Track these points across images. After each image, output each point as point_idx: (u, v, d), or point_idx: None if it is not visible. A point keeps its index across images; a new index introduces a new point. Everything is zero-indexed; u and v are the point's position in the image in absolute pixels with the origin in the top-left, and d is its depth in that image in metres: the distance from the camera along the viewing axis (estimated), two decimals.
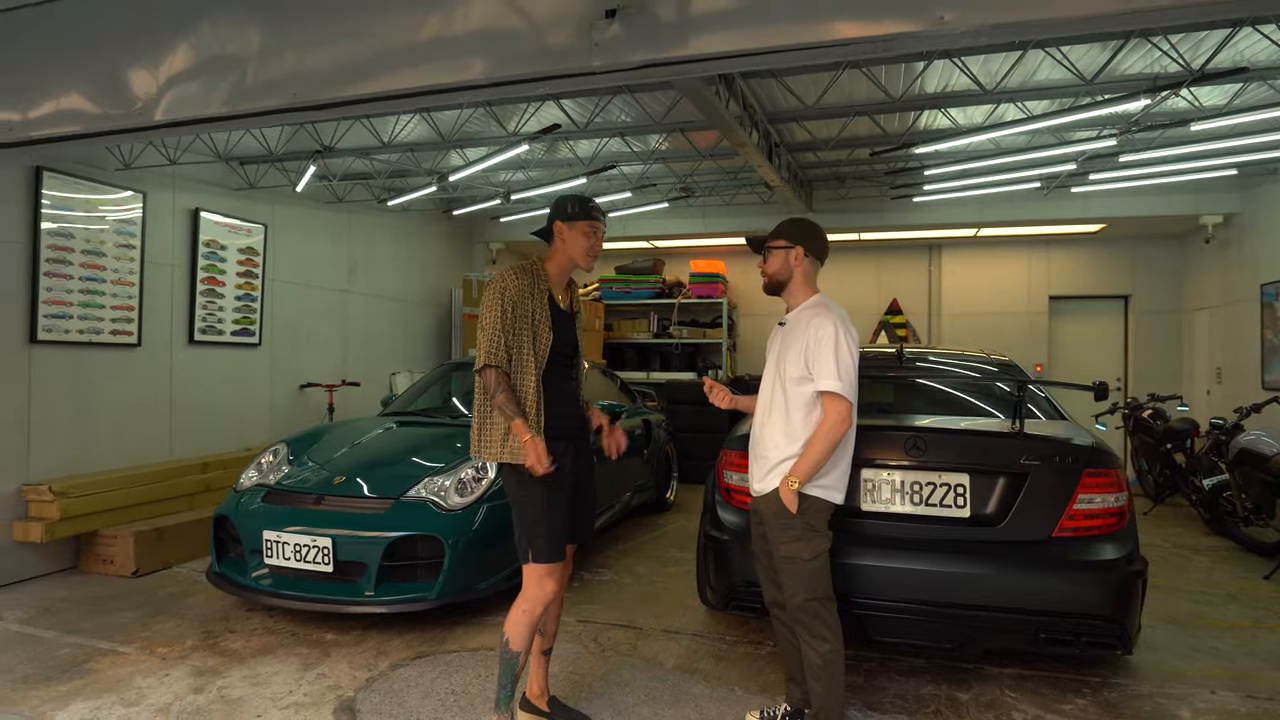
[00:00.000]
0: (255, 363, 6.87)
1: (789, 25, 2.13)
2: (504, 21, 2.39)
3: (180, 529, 5.34)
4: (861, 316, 10.43)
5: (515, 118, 5.06)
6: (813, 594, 2.79)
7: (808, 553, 2.79)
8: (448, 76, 2.43)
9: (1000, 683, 3.55)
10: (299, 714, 3.20)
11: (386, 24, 2.54)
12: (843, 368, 2.72)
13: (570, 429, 2.99)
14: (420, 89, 2.50)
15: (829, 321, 2.79)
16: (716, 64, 2.26)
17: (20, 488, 4.91)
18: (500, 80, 2.41)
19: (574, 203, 2.95)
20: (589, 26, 2.27)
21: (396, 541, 4.04)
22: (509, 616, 2.82)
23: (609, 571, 5.31)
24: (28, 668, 3.63)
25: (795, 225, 3.01)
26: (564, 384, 2.99)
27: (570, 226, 2.92)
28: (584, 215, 2.92)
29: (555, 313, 2.94)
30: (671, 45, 2.23)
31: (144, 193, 5.71)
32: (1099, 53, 4.03)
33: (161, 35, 2.82)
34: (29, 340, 4.97)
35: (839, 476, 2.83)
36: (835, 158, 6.79)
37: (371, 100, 2.60)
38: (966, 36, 1.99)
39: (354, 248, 8.09)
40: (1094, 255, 9.64)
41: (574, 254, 2.95)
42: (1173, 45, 3.72)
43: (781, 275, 2.99)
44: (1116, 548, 3.19)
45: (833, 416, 2.71)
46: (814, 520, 2.80)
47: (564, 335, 2.96)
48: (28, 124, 3.13)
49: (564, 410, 2.95)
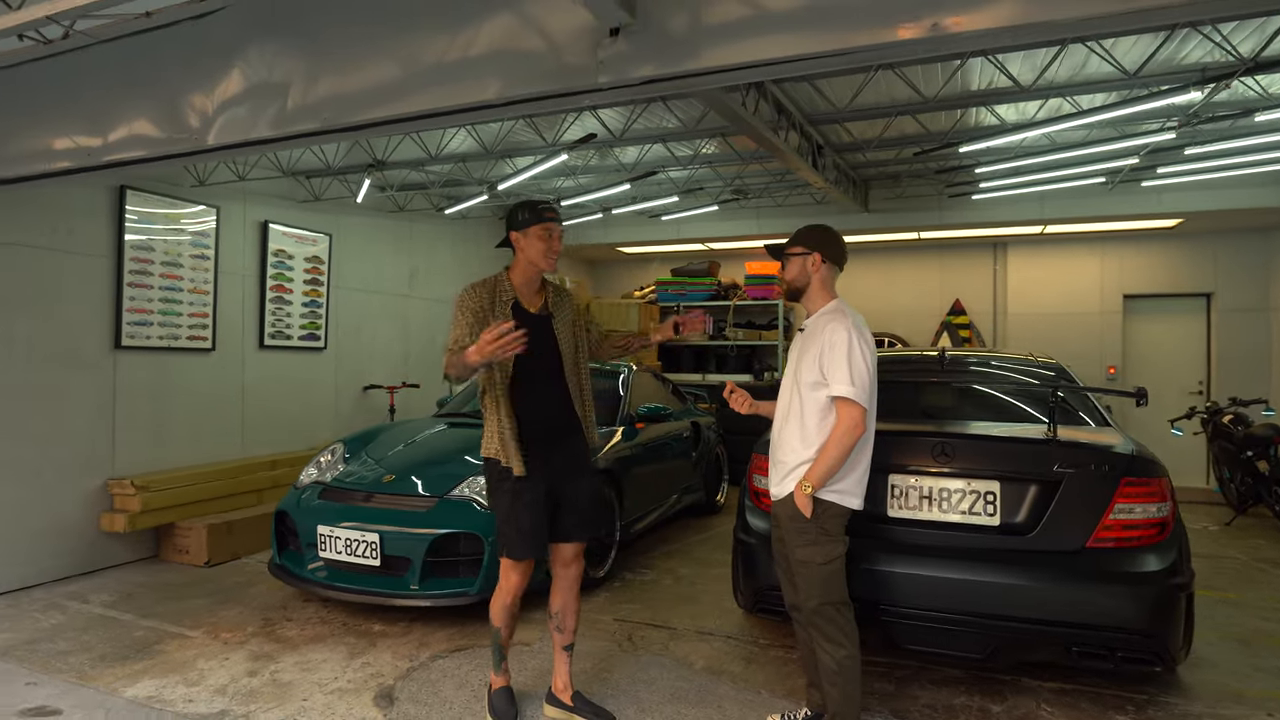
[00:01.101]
0: (321, 366, 7.23)
1: (785, 39, 2.16)
2: (515, 44, 2.50)
3: (249, 522, 5.68)
4: (923, 318, 10.20)
5: (555, 128, 5.19)
6: (826, 598, 2.80)
7: (821, 557, 2.80)
8: (464, 97, 2.56)
9: (1038, 696, 3.46)
10: (341, 699, 3.39)
11: (407, 51, 2.69)
12: (856, 373, 2.72)
13: (545, 434, 3.04)
14: (438, 110, 2.64)
15: (843, 327, 2.79)
16: (717, 77, 2.30)
17: (106, 482, 5.33)
18: (512, 99, 2.52)
19: (523, 210, 3.00)
20: (595, 45, 2.35)
21: (440, 538, 4.21)
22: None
23: (651, 572, 5.38)
24: (106, 647, 3.96)
25: (812, 232, 3.01)
26: (543, 389, 3.05)
27: (524, 234, 2.99)
28: (535, 220, 2.97)
29: (521, 320, 2.94)
30: (673, 61, 2.29)
31: (217, 207, 6.10)
32: (1150, 43, 3.87)
33: (212, 66, 3.05)
34: (114, 346, 5.39)
35: (855, 481, 2.83)
36: (886, 157, 6.69)
37: (394, 122, 2.76)
38: (960, 41, 1.98)
39: (415, 254, 8.41)
40: (1172, 251, 9.15)
41: (534, 259, 3.00)
42: (1224, 36, 3.53)
43: (800, 281, 2.99)
44: (1157, 559, 3.07)
45: (846, 422, 2.71)
46: (829, 525, 2.81)
47: (536, 342, 2.95)
48: (104, 149, 3.43)
49: (541, 415, 3.02)
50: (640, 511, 5.64)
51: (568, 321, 3.19)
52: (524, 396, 3.01)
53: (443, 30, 2.63)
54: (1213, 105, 4.53)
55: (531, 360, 3.00)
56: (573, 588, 3.20)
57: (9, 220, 4.80)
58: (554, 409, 3.09)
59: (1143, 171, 6.58)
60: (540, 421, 3.04)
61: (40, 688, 3.49)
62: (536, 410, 3.03)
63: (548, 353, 3.08)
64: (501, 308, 3.00)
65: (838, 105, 4.67)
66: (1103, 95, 4.75)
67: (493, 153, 5.64)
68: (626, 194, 7.64)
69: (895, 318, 10.27)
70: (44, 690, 3.46)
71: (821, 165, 5.92)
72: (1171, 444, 8.73)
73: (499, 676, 3.24)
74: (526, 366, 3.01)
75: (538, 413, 3.03)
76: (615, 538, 5.21)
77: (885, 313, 10.30)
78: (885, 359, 4.74)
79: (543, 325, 3.08)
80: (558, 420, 3.10)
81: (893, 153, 6.31)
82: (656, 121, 5.27)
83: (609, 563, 5.13)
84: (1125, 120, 5.19)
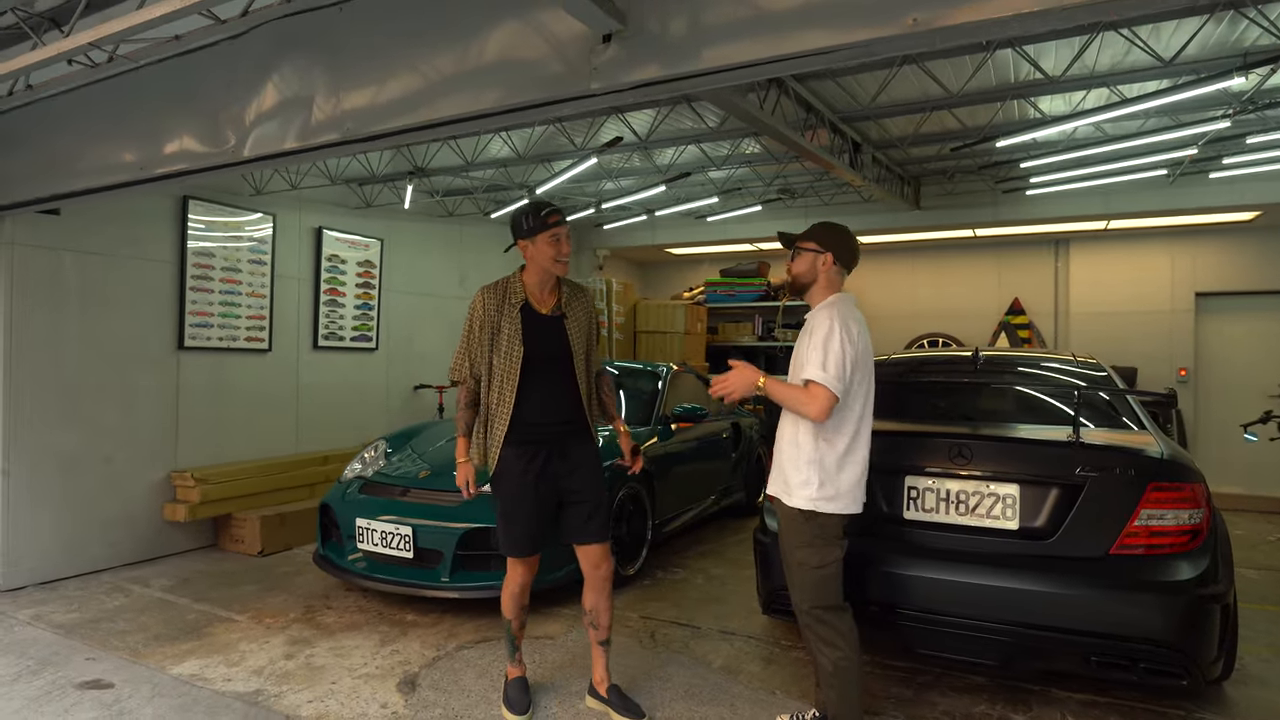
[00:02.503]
0: (373, 366, 7.52)
1: (768, 40, 2.17)
2: (514, 54, 2.58)
3: (300, 515, 5.96)
4: (979, 318, 9.89)
5: (585, 132, 5.28)
6: (818, 602, 2.77)
7: (816, 560, 2.76)
8: (467, 106, 2.66)
9: (1064, 707, 3.35)
10: (367, 683, 3.54)
11: (416, 64, 2.81)
12: (831, 360, 2.63)
13: (548, 435, 3.07)
14: (444, 119, 2.75)
15: (827, 316, 2.74)
16: (708, 79, 2.33)
17: (169, 474, 5.68)
18: (511, 107, 2.60)
19: (528, 217, 2.97)
20: (588, 52, 2.41)
21: (470, 532, 4.34)
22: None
23: (683, 571, 5.41)
24: (160, 628, 4.23)
25: (828, 231, 2.96)
26: (550, 389, 3.07)
27: (533, 242, 2.99)
28: (542, 228, 2.96)
29: (531, 323, 3.03)
30: (664, 65, 2.33)
31: (274, 214, 6.43)
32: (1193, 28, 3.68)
33: (247, 83, 3.25)
34: (178, 346, 5.75)
35: (849, 487, 2.77)
36: (930, 153, 6.54)
37: (406, 131, 2.88)
38: (940, 36, 1.96)
39: (464, 257, 8.65)
40: (1249, 246, 8.62)
41: (545, 265, 3.02)
42: (1272, 22, 3.33)
43: (807, 277, 2.94)
44: (1187, 568, 2.93)
45: (808, 396, 2.63)
46: (824, 530, 2.77)
47: (543, 344, 3.04)
48: (153, 163, 3.69)
49: (541, 418, 3.05)
50: (673, 512, 5.67)
51: (581, 321, 3.20)
52: (529, 398, 3.05)
53: (448, 44, 2.74)
54: (1270, 91, 4.28)
55: (541, 362, 3.05)
56: (603, 587, 3.22)
57: (84, 230, 5.18)
58: (561, 411, 3.11)
59: (1209, 163, 6.24)
60: (544, 423, 3.07)
61: (98, 663, 3.76)
62: (542, 412, 3.06)
63: (559, 355, 3.11)
64: (510, 311, 3.06)
65: (862, 102, 4.61)
66: (1154, 84, 4.54)
67: (526, 158, 5.77)
68: (669, 195, 7.68)
69: (949, 318, 10.00)
70: (101, 665, 3.73)
71: (860, 163, 5.83)
72: (1248, 451, 8.26)
73: (514, 667, 3.34)
74: (537, 369, 3.05)
75: (543, 414, 3.06)
76: (648, 537, 5.26)
77: (939, 313, 10.04)
78: (915, 360, 4.67)
79: (553, 326, 3.11)
80: (564, 421, 3.12)
81: (935, 149, 6.17)
82: (683, 124, 5.29)
83: (640, 561, 5.18)
84: (1181, 109, 4.95)
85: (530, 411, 3.05)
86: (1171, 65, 3.72)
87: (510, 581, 3.22)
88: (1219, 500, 3.36)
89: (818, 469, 2.73)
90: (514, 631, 3.28)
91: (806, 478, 2.75)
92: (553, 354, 3.09)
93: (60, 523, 5.11)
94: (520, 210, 3.02)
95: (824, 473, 2.73)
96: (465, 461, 3.12)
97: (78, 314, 5.18)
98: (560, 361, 3.12)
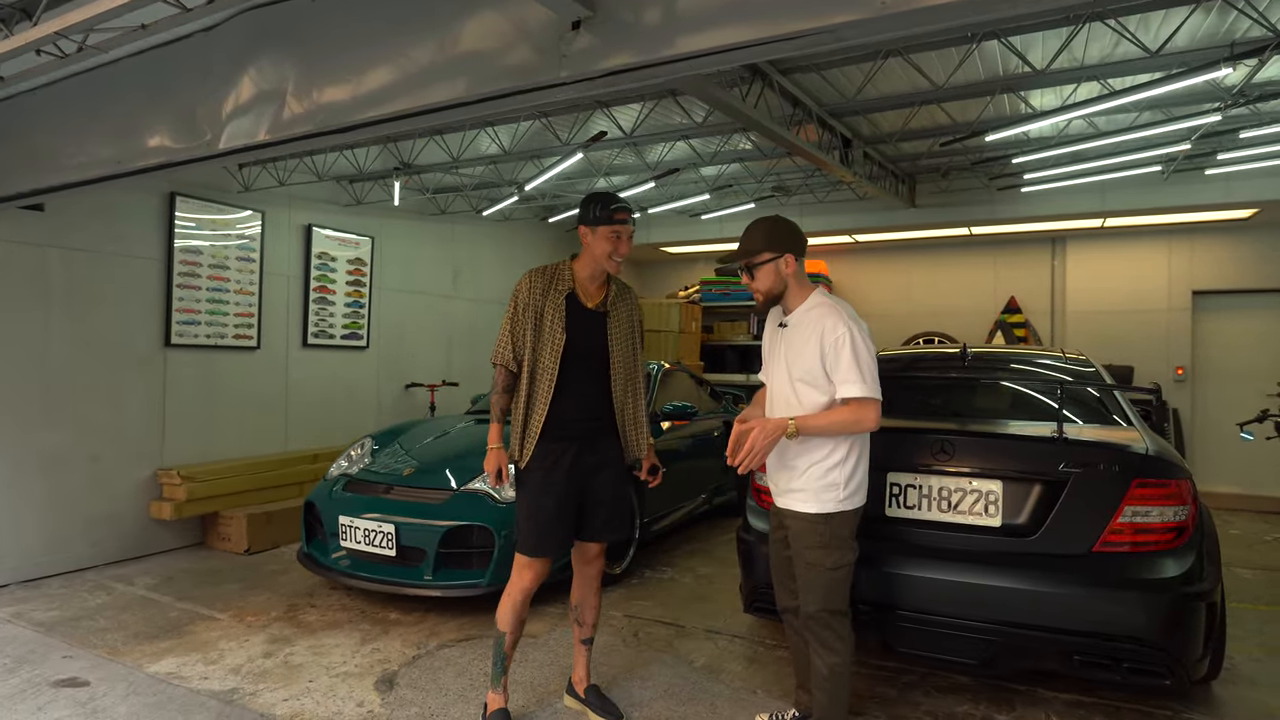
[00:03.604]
0: (364, 364, 7.48)
1: (740, 25, 2.13)
2: (485, 44, 2.54)
3: (288, 513, 5.92)
4: (975, 316, 9.84)
5: (570, 128, 5.24)
6: (827, 605, 2.71)
7: (831, 562, 2.70)
8: (436, 97, 2.62)
9: (1049, 708, 3.30)
10: (345, 682, 3.50)
11: (389, 55, 2.78)
12: (865, 370, 2.61)
13: (579, 431, 2.95)
14: (417, 109, 2.71)
15: (840, 323, 2.66)
16: (676, 66, 2.29)
17: (156, 472, 5.65)
18: (482, 96, 2.57)
19: (597, 205, 2.85)
20: (557, 39, 2.37)
21: (453, 530, 4.30)
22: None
23: (671, 570, 5.37)
24: (140, 626, 4.20)
25: (774, 233, 2.77)
26: (585, 385, 2.96)
27: (593, 231, 2.86)
28: (606, 220, 2.84)
29: (575, 313, 2.91)
30: (633, 51, 2.29)
31: (263, 211, 6.40)
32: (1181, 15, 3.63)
33: (221, 75, 3.22)
34: (164, 344, 5.72)
35: (861, 480, 2.74)
36: (921, 149, 6.49)
37: (380, 122, 2.85)
38: (911, 19, 1.92)
39: (458, 255, 8.62)
40: (1246, 244, 8.56)
41: (599, 258, 2.90)
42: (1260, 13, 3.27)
43: (776, 288, 2.80)
44: (1172, 565, 2.88)
45: (860, 414, 2.60)
46: (841, 530, 2.72)
47: (584, 337, 2.92)
48: (130, 157, 3.66)
49: (575, 414, 2.92)
50: (662, 511, 5.63)
51: (624, 322, 3.07)
52: (564, 391, 2.91)
53: (419, 33, 2.70)
54: (1261, 84, 4.23)
55: (579, 356, 2.92)
56: (593, 583, 3.16)
57: (68, 226, 5.16)
58: (594, 408, 2.99)
59: (1204, 159, 6.18)
60: (577, 419, 2.94)
61: (75, 661, 3.73)
62: (575, 407, 2.93)
63: (597, 351, 2.98)
64: (555, 298, 2.90)
65: (848, 96, 4.56)
66: (1144, 76, 4.49)
67: (514, 154, 5.74)
68: (661, 194, 7.64)
69: (945, 317, 9.95)
70: (78, 663, 3.70)
71: (851, 159, 5.79)
72: (1245, 450, 8.20)
73: (496, 694, 3.01)
74: (574, 362, 2.92)
75: (576, 410, 2.93)
76: (635, 536, 5.22)
77: (935, 312, 10.00)
78: (903, 357, 4.61)
79: (596, 322, 2.99)
80: (595, 420, 3.00)
81: (927, 144, 6.13)
82: (671, 120, 5.25)
83: (627, 560, 5.14)
84: (1173, 103, 4.90)
85: (566, 406, 2.91)
86: (1159, 56, 3.68)
87: (515, 588, 2.95)
88: (1216, 500, 3.32)
89: (840, 470, 2.68)
90: (506, 648, 2.98)
91: (832, 481, 2.68)
92: (592, 349, 2.96)
93: (44, 521, 5.08)
94: (592, 196, 2.89)
95: (846, 473, 2.68)
96: (498, 448, 2.90)
97: (63, 311, 5.15)
98: (597, 358, 2.99)
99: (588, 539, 3.09)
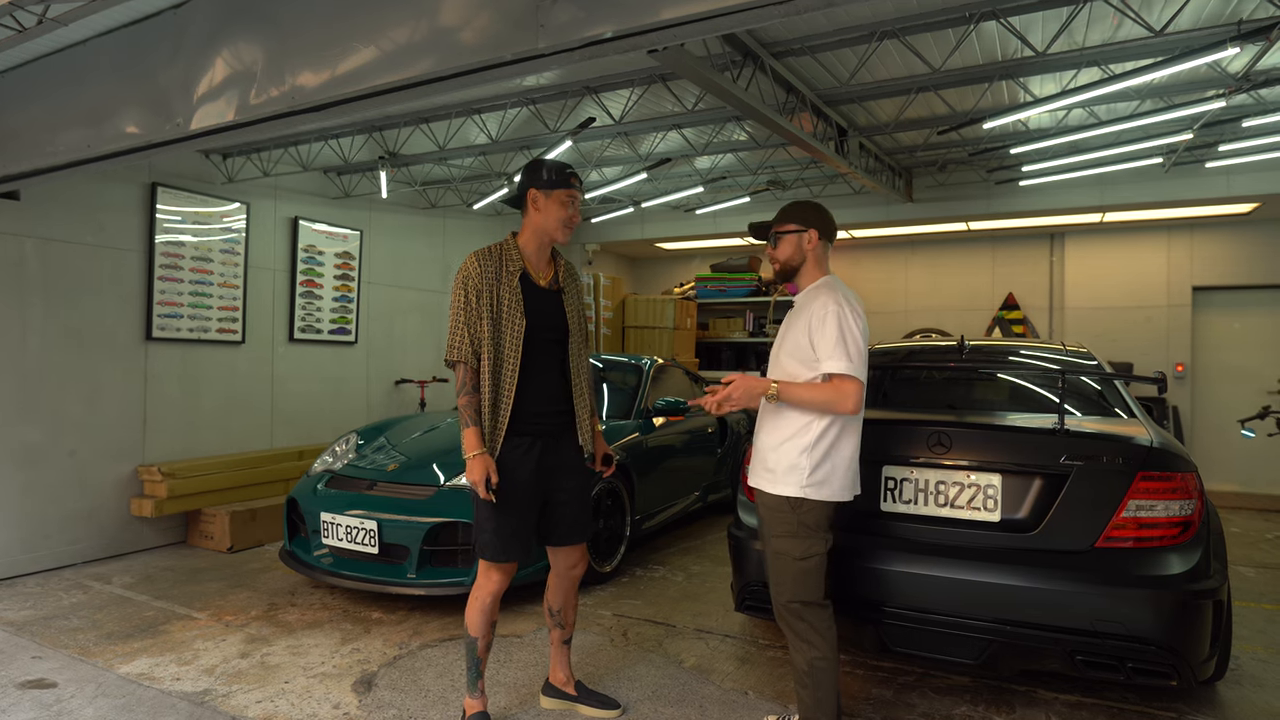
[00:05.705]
0: (352, 359, 7.36)
1: None
2: (460, 16, 2.44)
3: (273, 511, 5.80)
4: (973, 312, 9.75)
5: (558, 115, 5.12)
6: (797, 596, 2.63)
7: (799, 551, 2.63)
8: (411, 70, 2.51)
9: (1050, 709, 3.19)
10: (322, 683, 3.39)
11: (362, 30, 2.66)
12: (851, 347, 2.54)
13: (544, 426, 2.81)
14: (391, 85, 2.60)
15: (832, 300, 2.62)
16: (653, 36, 2.18)
17: (136, 468, 5.53)
18: (459, 70, 2.46)
19: (551, 169, 2.72)
20: (535, 9, 2.26)
21: (437, 527, 4.19)
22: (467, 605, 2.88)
23: (663, 569, 5.25)
24: (115, 625, 4.08)
25: (804, 208, 2.85)
26: (546, 373, 2.82)
27: (547, 195, 2.72)
28: (562, 183, 2.71)
29: (531, 294, 2.76)
30: (612, 19, 2.18)
31: (248, 203, 6.27)
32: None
33: (192, 57, 3.10)
34: (145, 337, 5.59)
35: (841, 472, 2.64)
36: (918, 141, 6.38)
37: (354, 99, 2.74)
38: None
39: (448, 249, 8.50)
40: (1247, 239, 8.46)
41: (549, 226, 2.76)
42: None
43: (795, 260, 2.82)
44: (1177, 562, 2.78)
45: (841, 392, 2.52)
46: (809, 519, 2.63)
47: (544, 318, 2.78)
48: (101, 141, 3.54)
49: (537, 407, 2.78)
50: (653, 508, 5.52)
51: (576, 300, 2.95)
52: (532, 379, 2.77)
53: (392, 7, 2.59)
54: (1266, 70, 4.11)
55: (540, 342, 2.77)
56: (574, 586, 3.06)
57: (46, 216, 5.03)
58: (555, 397, 2.84)
59: (1205, 151, 6.08)
60: (541, 412, 2.80)
61: (44, 661, 3.61)
62: (543, 397, 2.79)
63: (556, 332, 2.83)
64: (509, 280, 2.73)
65: (842, 80, 4.44)
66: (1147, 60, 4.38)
67: (502, 143, 5.62)
68: (655, 187, 7.53)
69: (943, 313, 9.86)
70: (47, 664, 3.58)
71: (846, 149, 5.68)
72: (1246, 447, 8.11)
73: (474, 699, 2.88)
74: (536, 345, 2.77)
75: (538, 401, 2.78)
76: (625, 534, 5.11)
77: (932, 308, 9.91)
78: (902, 349, 4.51)
79: (552, 302, 2.84)
80: (559, 411, 2.86)
81: (924, 135, 6.01)
82: (662, 107, 5.14)
83: (617, 559, 5.03)
84: (1175, 90, 4.79)
85: (530, 397, 2.76)
86: (1163, 36, 3.56)
87: (482, 591, 2.82)
88: (1216, 498, 3.21)
89: (808, 454, 2.60)
90: (479, 652, 2.85)
91: (795, 463, 2.61)
92: (552, 331, 2.82)
93: (20, 518, 4.95)
94: (542, 160, 2.75)
95: (814, 458, 2.60)
96: (481, 453, 2.66)
97: (40, 302, 5.02)
98: (559, 341, 2.85)
99: (557, 544, 2.97)
